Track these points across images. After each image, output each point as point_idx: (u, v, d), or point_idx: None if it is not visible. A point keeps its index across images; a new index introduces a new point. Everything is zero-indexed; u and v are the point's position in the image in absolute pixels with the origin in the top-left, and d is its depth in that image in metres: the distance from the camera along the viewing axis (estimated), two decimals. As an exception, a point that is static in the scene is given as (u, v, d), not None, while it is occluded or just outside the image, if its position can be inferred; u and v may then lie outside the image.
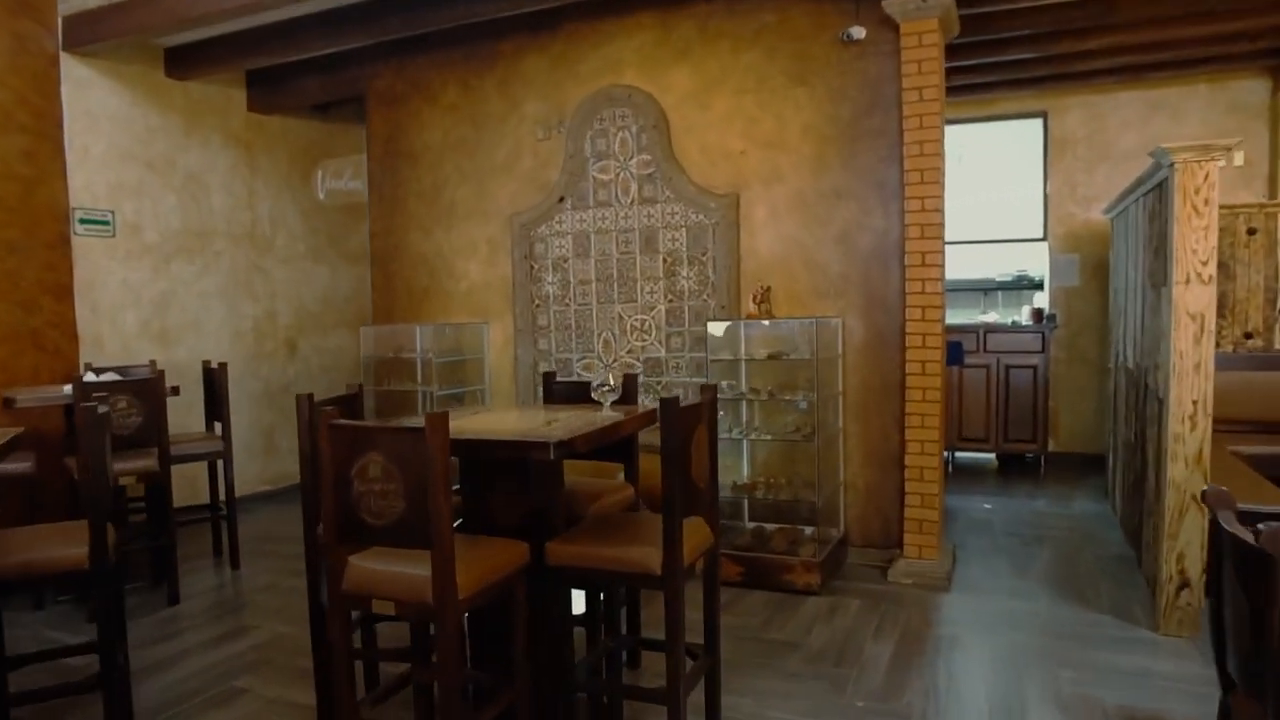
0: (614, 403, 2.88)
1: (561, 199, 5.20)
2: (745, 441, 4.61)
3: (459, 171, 5.54)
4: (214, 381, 4.91)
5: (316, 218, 6.88)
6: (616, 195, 5.07)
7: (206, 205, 6.09)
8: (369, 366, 5.63)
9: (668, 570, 2.35)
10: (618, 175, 5.06)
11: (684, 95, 4.85)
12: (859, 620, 3.76)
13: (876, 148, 4.40)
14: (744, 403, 4.55)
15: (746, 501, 4.56)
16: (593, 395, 2.83)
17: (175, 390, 4.48)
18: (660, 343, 5.01)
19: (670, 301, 4.96)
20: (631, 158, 5.01)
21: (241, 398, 6.27)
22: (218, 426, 4.90)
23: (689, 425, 2.46)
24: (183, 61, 5.75)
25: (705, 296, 4.86)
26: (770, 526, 4.50)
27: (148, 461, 4.19)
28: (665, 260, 4.96)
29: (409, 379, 5.52)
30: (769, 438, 4.47)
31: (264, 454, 6.46)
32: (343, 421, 2.23)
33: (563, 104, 5.19)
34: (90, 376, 4.46)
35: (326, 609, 2.41)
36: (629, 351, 5.09)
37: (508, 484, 2.62)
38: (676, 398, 2.40)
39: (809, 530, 4.38)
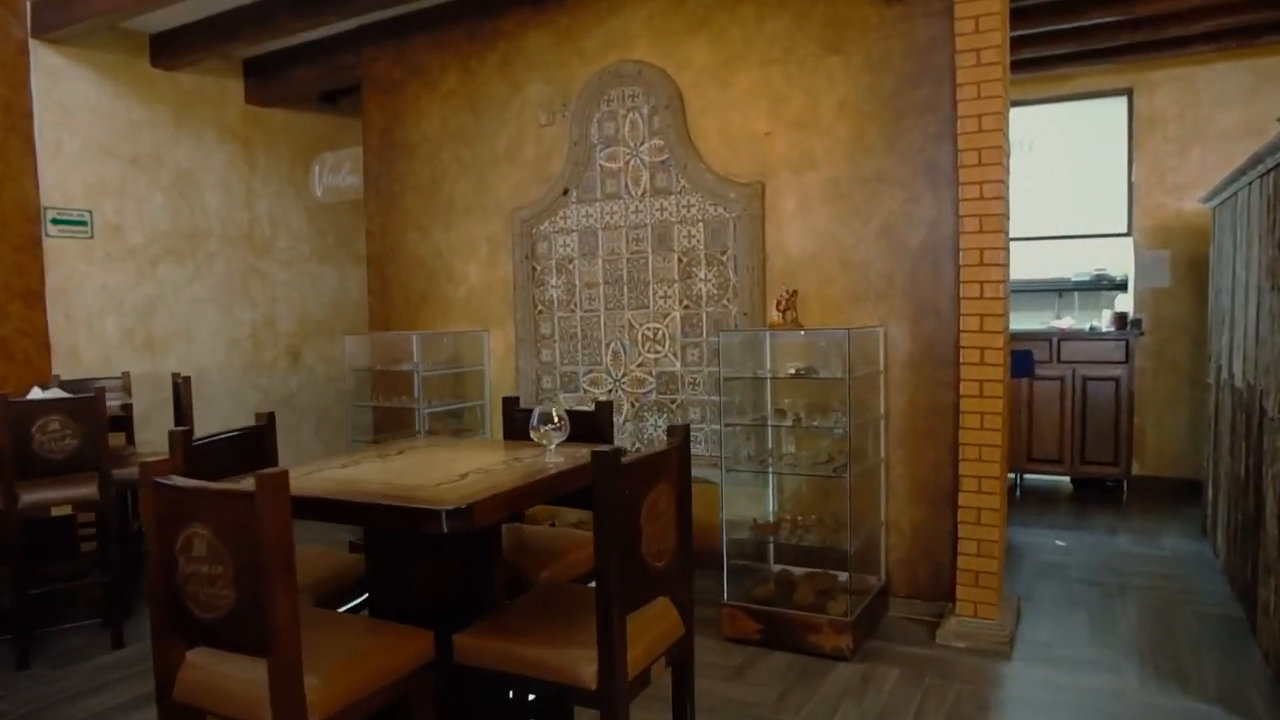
0: (564, 443, 2.26)
1: (565, 191, 4.61)
2: (770, 475, 3.93)
3: (458, 162, 5.00)
4: (179, 396, 4.45)
5: (323, 217, 6.43)
6: (626, 186, 4.46)
7: (199, 204, 5.67)
8: (362, 379, 5.11)
9: (605, 684, 1.73)
10: (627, 163, 4.44)
11: (701, 70, 4.21)
12: (897, 697, 3.07)
13: (925, 125, 3.70)
14: (769, 429, 3.88)
15: (771, 543, 3.90)
16: (531, 434, 2.22)
17: (122, 411, 4.02)
18: (675, 355, 4.38)
19: (686, 308, 4.33)
20: (643, 143, 4.39)
21: (237, 410, 5.85)
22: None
23: (640, 486, 1.83)
24: (168, 49, 5.33)
25: (725, 302, 4.21)
26: (798, 571, 3.83)
27: (85, 489, 3.73)
28: (680, 260, 4.33)
29: (404, 393, 4.99)
30: (798, 469, 3.79)
31: (262, 470, 6.01)
32: (168, 480, 1.67)
33: (568, 85, 4.59)
34: (36, 392, 4.03)
35: None
36: (640, 365, 4.47)
37: (416, 552, 2.03)
38: (618, 451, 1.78)
39: (843, 577, 3.69)
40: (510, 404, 2.83)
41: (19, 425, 3.57)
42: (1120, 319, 6.02)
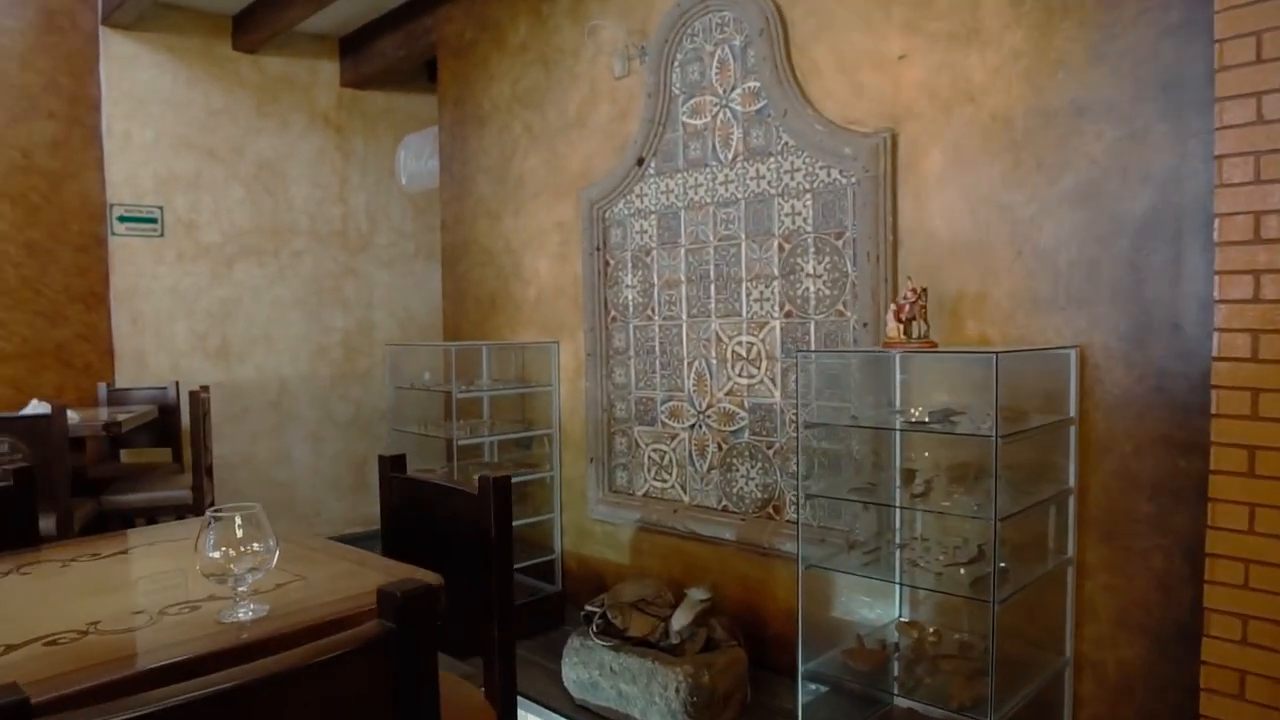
0: (246, 619, 1.17)
1: (640, 161, 3.50)
2: (898, 584, 2.58)
3: (528, 133, 4.04)
4: (196, 411, 3.84)
5: (431, 211, 5.74)
6: (714, 149, 3.27)
7: (284, 198, 5.15)
8: (407, 398, 4.22)
9: None
10: (715, 117, 3.26)
11: (810, -25, 2.95)
12: None
13: (1156, 10, 2.22)
14: (897, 510, 2.55)
15: (895, 677, 2.56)
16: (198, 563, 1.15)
17: (110, 427, 3.43)
18: (773, 380, 3.14)
19: (788, 315, 3.07)
20: (733, 88, 3.19)
21: (326, 424, 5.29)
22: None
23: None
24: (248, 27, 4.83)
25: (841, 306, 2.92)
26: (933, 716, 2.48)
27: (40, 523, 3.14)
28: (782, 248, 3.08)
29: (470, 414, 4.10)
30: (927, 566, 2.43)
31: (353, 491, 5.41)
32: None
33: (646, 20, 3.49)
34: (34, 405, 3.55)
35: None
36: (729, 393, 3.27)
37: None
38: None
39: (1000, 745, 2.30)
40: (386, 464, 1.78)
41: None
42: None
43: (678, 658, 2.83)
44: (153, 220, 4.68)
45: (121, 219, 4.59)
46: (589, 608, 3.12)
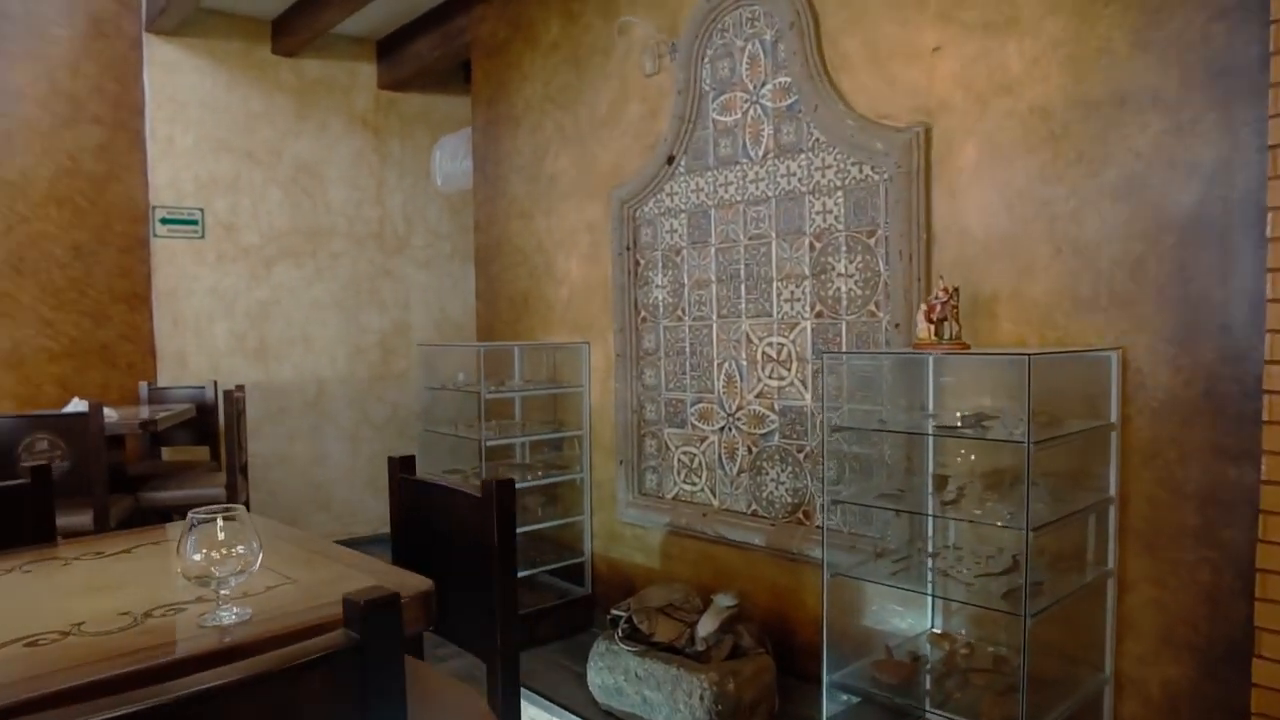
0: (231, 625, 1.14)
1: (670, 159, 3.45)
2: (929, 595, 2.48)
3: (560, 133, 4.02)
4: (230, 410, 3.88)
5: (468, 212, 5.76)
6: (744, 146, 3.21)
7: (321, 200, 5.20)
8: (440, 399, 4.21)
9: None
10: (745, 113, 3.20)
11: (842, -34, 2.87)
12: None
13: (1204, -4, 2.11)
14: (929, 518, 2.47)
15: (926, 690, 2.47)
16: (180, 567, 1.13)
17: (146, 425, 3.47)
18: (803, 382, 3.06)
19: (819, 315, 3.00)
20: (764, 84, 3.12)
21: (363, 425, 5.33)
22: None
23: None
24: (287, 31, 4.89)
25: (873, 306, 2.83)
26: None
27: (77, 518, 3.20)
28: (813, 247, 3.01)
29: (500, 416, 4.09)
30: (962, 579, 2.33)
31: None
32: None
33: (676, 17, 3.44)
34: (75, 403, 3.62)
35: None
36: (759, 395, 3.20)
37: None
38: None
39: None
40: (396, 465, 1.76)
41: (3, 444, 3.11)
42: None
43: (703, 664, 2.77)
44: (194, 222, 4.76)
45: (164, 221, 4.67)
46: (615, 611, 3.08)
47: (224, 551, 1.10)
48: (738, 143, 3.23)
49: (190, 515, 1.14)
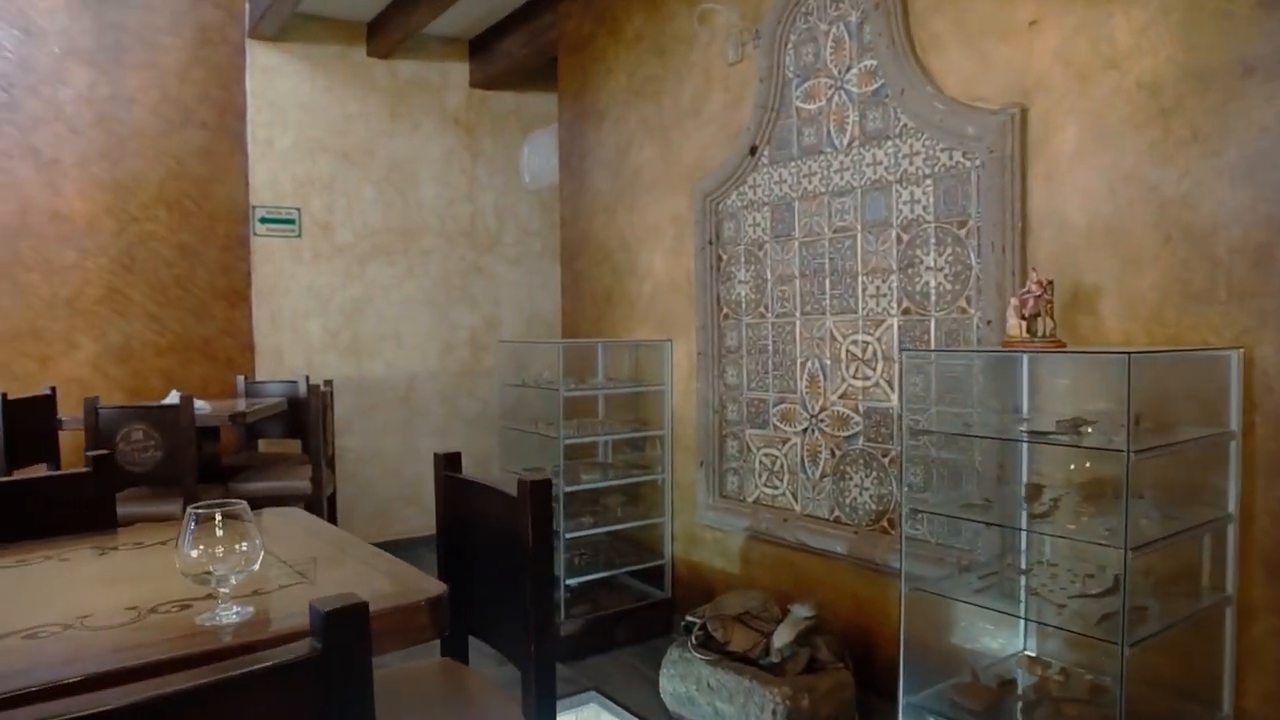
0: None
1: (753, 150, 3.33)
2: (1020, 615, 2.28)
3: (644, 126, 3.94)
4: (317, 404, 3.97)
5: (557, 209, 5.76)
6: (829, 134, 3.06)
7: (414, 198, 5.29)
8: (519, 398, 4.19)
9: None
10: (830, 100, 3.05)
11: (932, -61, 2.69)
12: None
13: (1346, -51, 1.86)
14: (1019, 531, 2.27)
15: (1014, 718, 2.27)
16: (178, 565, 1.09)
17: (236, 418, 3.58)
18: (889, 383, 2.89)
19: (906, 312, 2.82)
20: (849, 68, 2.97)
21: (453, 420, 5.41)
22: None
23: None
24: (381, 33, 4.99)
25: (964, 302, 2.65)
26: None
27: (168, 507, 3.33)
28: (900, 239, 2.84)
29: (584, 414, 4.05)
30: (1055, 599, 2.13)
31: (478, 487, 5.49)
32: None
33: (759, 2, 3.31)
34: (173, 395, 3.77)
35: None
36: (843, 395, 3.04)
37: None
38: None
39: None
40: (442, 462, 1.71)
41: (104, 434, 3.27)
42: None
43: (778, 678, 2.65)
44: (291, 221, 4.92)
45: (263, 220, 4.84)
46: (690, 618, 2.99)
47: (222, 548, 1.07)
48: (822, 131, 3.08)
49: (189, 511, 1.11)
